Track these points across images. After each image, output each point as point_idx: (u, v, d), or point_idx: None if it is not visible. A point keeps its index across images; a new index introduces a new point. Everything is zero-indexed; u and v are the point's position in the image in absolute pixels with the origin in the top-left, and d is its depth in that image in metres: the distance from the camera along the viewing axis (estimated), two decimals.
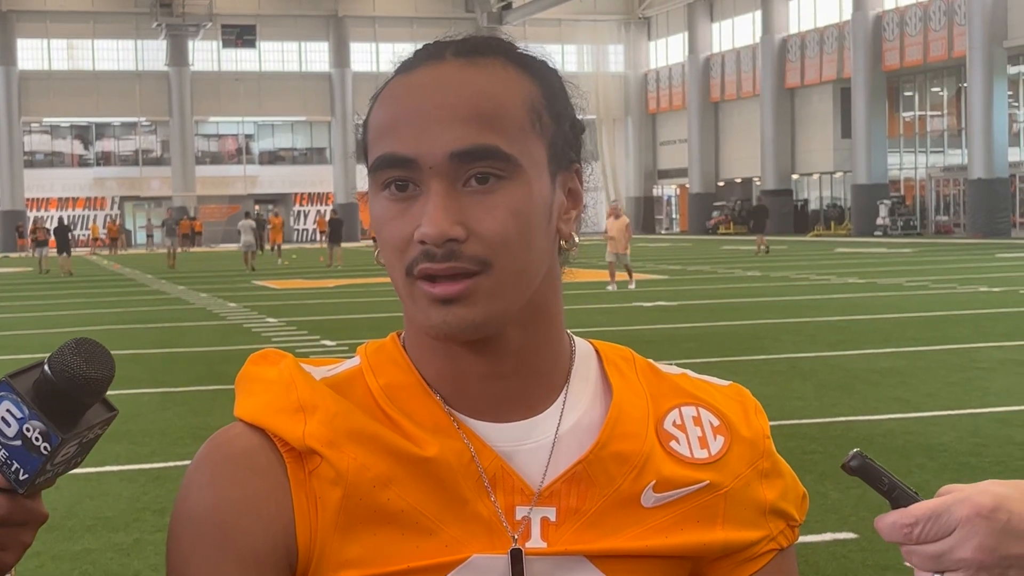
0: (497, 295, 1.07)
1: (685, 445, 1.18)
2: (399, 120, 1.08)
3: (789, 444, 7.97)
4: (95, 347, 1.02)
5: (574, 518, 1.13)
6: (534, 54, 1.17)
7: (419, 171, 1.06)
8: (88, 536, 6.27)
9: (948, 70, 51.57)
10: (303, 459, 1.10)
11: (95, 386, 1.01)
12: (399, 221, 1.08)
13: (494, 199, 1.06)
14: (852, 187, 53.77)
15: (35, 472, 1.00)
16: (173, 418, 9.60)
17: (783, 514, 1.22)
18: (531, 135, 1.09)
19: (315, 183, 69.51)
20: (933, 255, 34.25)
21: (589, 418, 1.16)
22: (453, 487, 1.10)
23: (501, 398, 1.14)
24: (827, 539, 5.84)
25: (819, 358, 12.45)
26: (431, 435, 1.11)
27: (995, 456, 7.62)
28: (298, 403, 1.11)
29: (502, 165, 1.06)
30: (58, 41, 65.55)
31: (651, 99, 71.82)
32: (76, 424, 1.01)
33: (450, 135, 1.06)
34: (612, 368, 1.20)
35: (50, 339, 16.38)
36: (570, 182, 1.15)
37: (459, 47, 1.12)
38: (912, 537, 1.02)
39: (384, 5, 68.61)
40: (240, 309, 20.88)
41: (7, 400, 1.00)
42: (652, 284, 25.03)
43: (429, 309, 1.08)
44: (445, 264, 1.05)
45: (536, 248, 1.09)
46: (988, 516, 1.00)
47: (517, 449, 1.13)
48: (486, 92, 1.08)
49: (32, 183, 64.74)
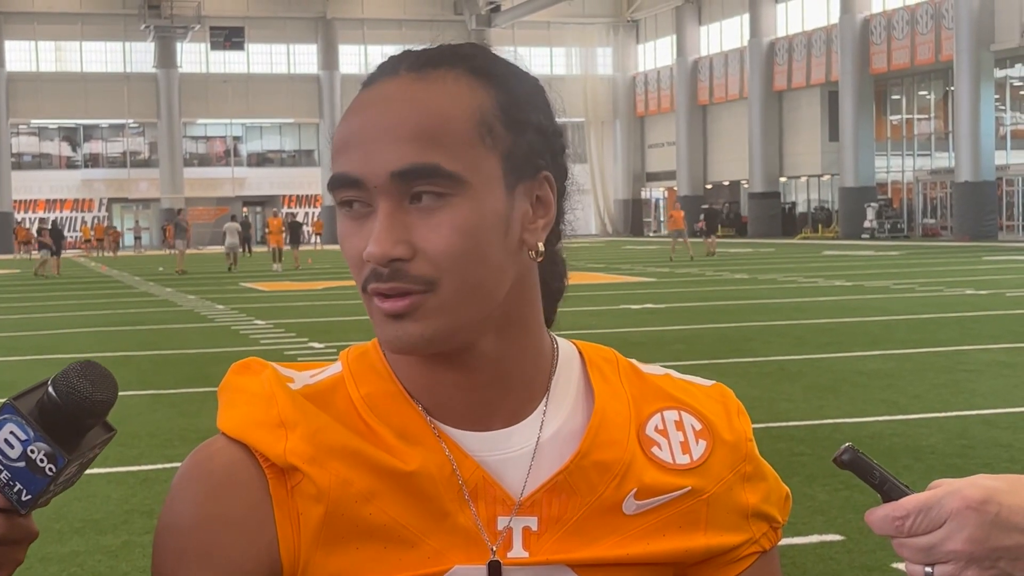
0: (447, 311, 1.07)
1: (667, 451, 1.18)
2: (349, 139, 1.09)
3: (777, 446, 7.98)
4: (100, 370, 1.04)
5: (556, 527, 1.13)
6: (503, 58, 1.15)
7: (367, 191, 1.07)
8: (76, 538, 6.26)
9: (935, 73, 51.70)
10: (285, 475, 1.10)
11: (100, 408, 1.03)
12: (354, 238, 1.09)
13: (439, 217, 1.06)
14: (840, 190, 53.87)
15: (39, 493, 1.02)
16: (162, 420, 9.58)
17: (766, 516, 1.23)
18: (479, 149, 1.08)
19: (303, 185, 69.42)
20: (920, 258, 34.32)
21: (570, 426, 1.16)
22: (435, 499, 1.11)
23: (481, 407, 1.14)
24: (814, 541, 5.85)
25: (807, 360, 12.47)
26: (412, 447, 1.11)
27: (982, 458, 7.65)
28: (279, 418, 1.11)
29: (444, 182, 1.05)
30: (46, 43, 65.38)
31: (639, 102, 71.87)
32: (79, 445, 1.03)
33: (391, 154, 1.06)
34: (595, 371, 1.20)
35: (39, 341, 16.35)
36: (537, 190, 1.13)
37: (414, 61, 1.11)
38: (903, 530, 1.03)
39: (372, 7, 68.57)
40: (228, 311, 20.85)
41: (11, 422, 1.01)
42: (640, 286, 25.05)
43: (383, 324, 1.08)
44: (390, 284, 1.06)
45: (491, 263, 1.08)
46: (978, 508, 1.02)
47: (498, 458, 1.13)
48: (429, 108, 1.07)
49: (19, 185, 64.54)
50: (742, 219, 62.20)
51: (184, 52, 66.35)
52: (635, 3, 70.56)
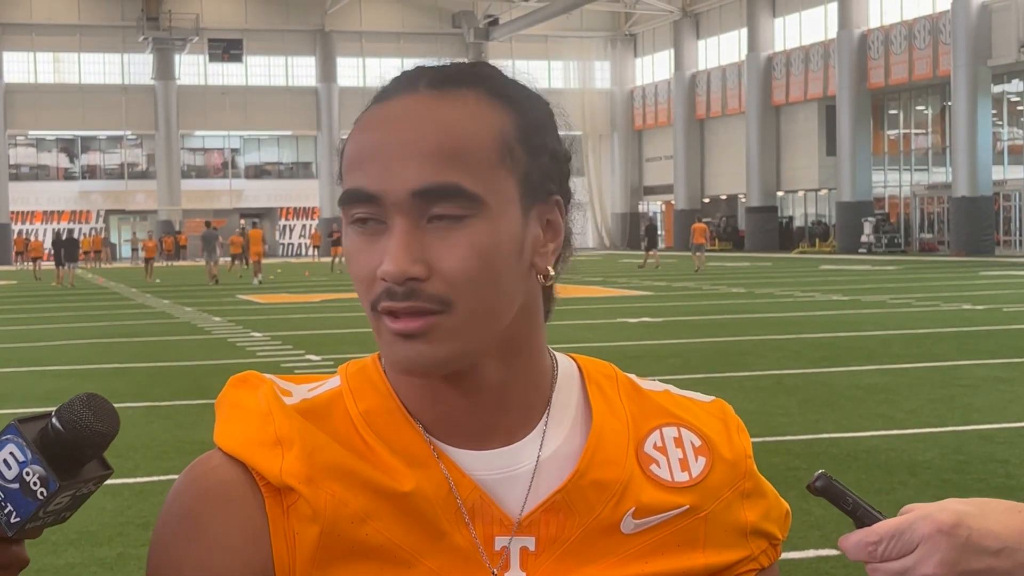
0: (461, 333, 1.06)
1: (665, 468, 1.17)
2: (365, 154, 1.07)
3: (773, 460, 7.98)
4: (104, 403, 1.05)
5: (553, 547, 1.12)
6: (520, 82, 1.14)
7: (383, 207, 1.05)
8: (72, 550, 6.25)
9: (933, 88, 51.79)
10: (281, 494, 1.09)
11: (99, 439, 1.04)
12: (365, 256, 1.07)
13: (457, 237, 1.04)
14: (837, 204, 53.94)
15: (27, 516, 1.02)
16: (158, 432, 9.57)
17: (765, 534, 1.22)
18: (500, 171, 1.07)
19: (301, 197, 69.46)
20: (917, 273, 34.35)
21: (568, 446, 1.15)
22: (432, 520, 1.10)
23: (480, 426, 1.13)
24: (810, 556, 5.85)
25: (803, 375, 12.47)
26: (409, 466, 1.10)
27: (978, 473, 7.65)
28: (275, 436, 1.10)
29: (465, 203, 1.04)
30: (44, 54, 65.45)
31: (637, 115, 71.97)
32: (74, 475, 1.04)
33: (412, 172, 1.04)
34: (594, 388, 1.19)
35: (35, 353, 16.33)
36: (548, 214, 1.12)
37: (434, 77, 1.10)
38: (876, 555, 1.05)
39: (371, 20, 68.68)
40: (225, 323, 20.84)
41: (12, 443, 1.02)
42: (637, 300, 25.06)
43: (393, 344, 1.07)
44: (406, 303, 1.04)
45: (504, 285, 1.07)
46: (949, 532, 1.03)
47: (496, 478, 1.12)
48: (452, 127, 1.06)
49: (17, 196, 64.57)
50: (739, 233, 62.28)
51: (182, 64, 66.43)
52: (633, 17, 70.69)
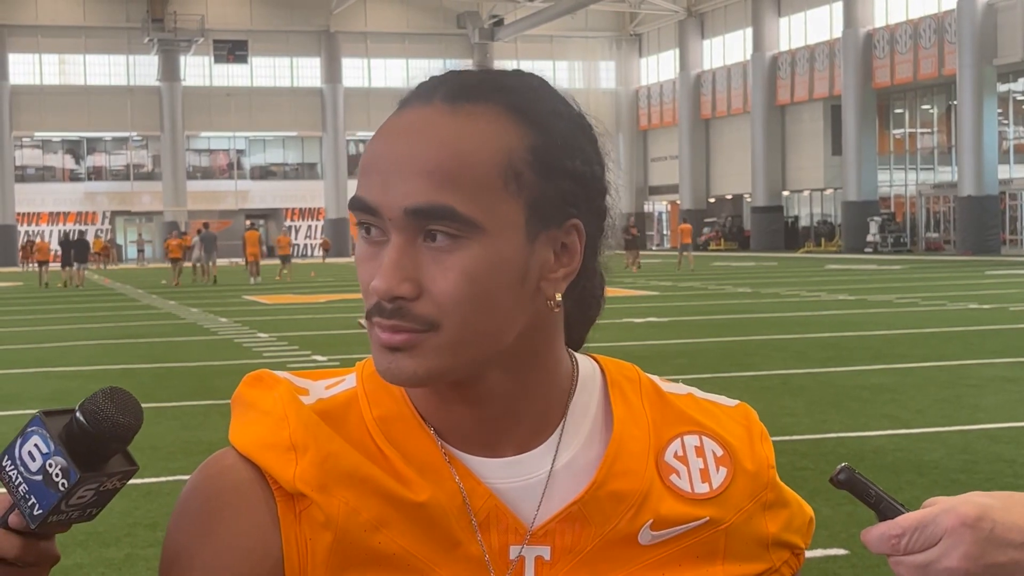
0: (445, 352, 1.04)
1: (686, 479, 1.15)
2: (371, 164, 1.06)
3: (780, 460, 7.90)
4: (127, 396, 1.05)
5: (568, 557, 1.11)
6: (548, 94, 1.11)
7: (382, 220, 1.05)
8: (80, 551, 6.25)
9: (938, 87, 51.76)
10: (294, 499, 1.09)
11: (122, 432, 1.03)
12: (368, 264, 1.07)
13: (451, 259, 1.03)
14: (842, 204, 53.91)
15: (49, 509, 1.02)
16: (165, 433, 9.58)
17: (787, 544, 1.21)
18: (500, 194, 1.04)
19: (306, 198, 69.49)
20: (923, 272, 34.32)
21: (586, 454, 1.13)
22: (445, 529, 1.09)
23: (490, 435, 1.12)
24: (818, 555, 5.85)
25: (809, 374, 12.46)
26: (423, 475, 1.09)
27: (985, 473, 7.64)
28: (290, 441, 1.09)
29: (459, 226, 1.02)
30: (49, 56, 65.51)
31: (642, 115, 71.96)
32: (97, 468, 1.03)
33: (408, 189, 1.03)
34: (616, 392, 1.17)
35: (42, 354, 16.35)
36: (563, 238, 1.09)
37: (450, 89, 1.07)
38: (899, 548, 1.04)
39: (376, 21, 68.69)
40: (231, 324, 20.86)
41: (37, 435, 1.03)
42: (643, 300, 25.05)
43: (378, 353, 1.06)
44: (391, 321, 1.04)
45: (499, 310, 1.05)
46: (973, 525, 1.03)
47: (510, 486, 1.11)
48: (455, 147, 1.03)
49: (23, 198, 64.65)
50: (745, 233, 62.24)
51: (188, 65, 66.48)
52: (638, 17, 70.67)
